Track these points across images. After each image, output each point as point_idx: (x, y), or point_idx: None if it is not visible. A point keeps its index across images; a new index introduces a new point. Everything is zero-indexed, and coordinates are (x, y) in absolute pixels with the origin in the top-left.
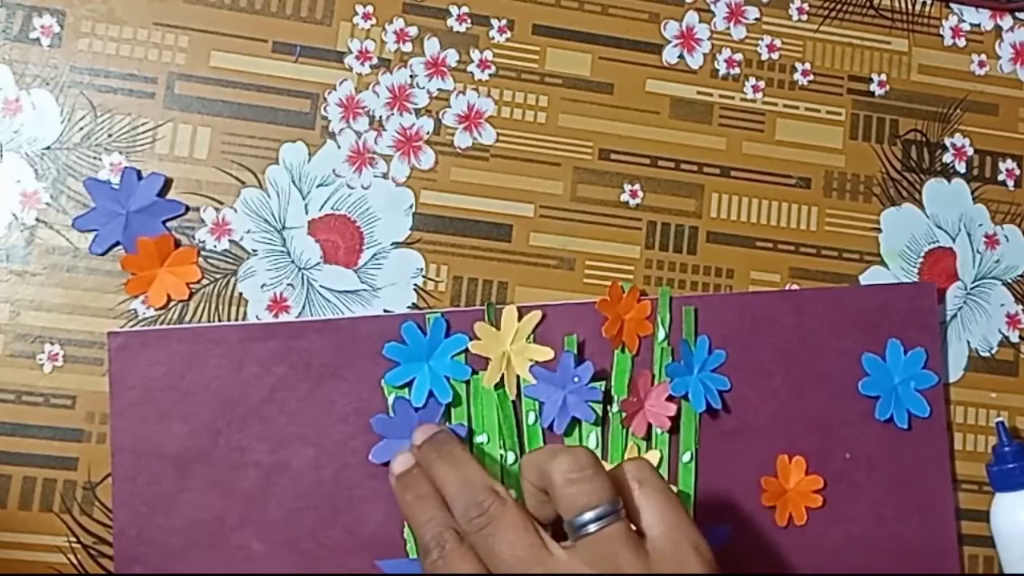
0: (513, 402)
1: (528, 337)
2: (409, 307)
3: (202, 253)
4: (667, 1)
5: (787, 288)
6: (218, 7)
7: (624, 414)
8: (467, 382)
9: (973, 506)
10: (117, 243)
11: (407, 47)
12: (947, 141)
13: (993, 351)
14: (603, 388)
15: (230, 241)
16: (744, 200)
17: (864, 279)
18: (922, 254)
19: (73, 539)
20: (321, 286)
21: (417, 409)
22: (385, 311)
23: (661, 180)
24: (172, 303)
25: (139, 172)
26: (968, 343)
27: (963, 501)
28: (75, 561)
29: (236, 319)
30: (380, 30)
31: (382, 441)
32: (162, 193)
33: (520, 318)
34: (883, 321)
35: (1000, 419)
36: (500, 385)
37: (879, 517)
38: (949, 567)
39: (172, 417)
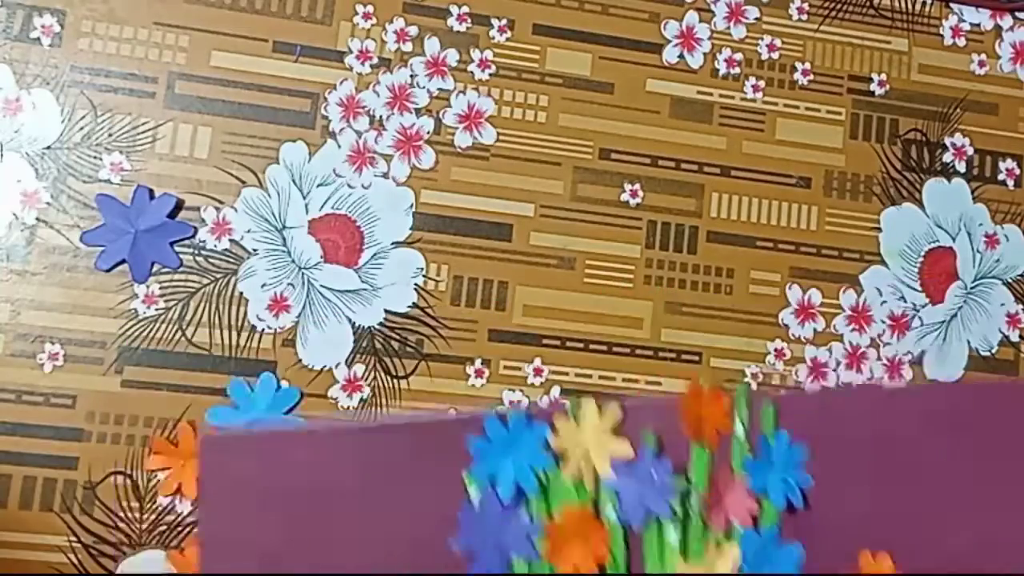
0: (594, 496)
1: (607, 431)
2: (409, 307)
3: (202, 252)
4: (667, 1)
5: (873, 381)
6: (218, 7)
7: (704, 509)
8: (546, 475)
9: None
10: (123, 260)
11: (407, 47)
12: (947, 141)
13: (993, 351)
14: (682, 483)
15: (230, 240)
16: (744, 200)
17: (864, 278)
18: (922, 254)
19: (73, 539)
20: (322, 286)
21: (503, 504)
22: (386, 311)
23: (661, 180)
24: (171, 301)
25: (151, 191)
26: (968, 343)
27: None
28: (75, 561)
29: (236, 318)
30: (380, 30)
31: (464, 532)
32: (172, 215)
33: (600, 412)
34: (978, 421)
35: None
36: (579, 479)
37: None
38: None
39: (261, 516)
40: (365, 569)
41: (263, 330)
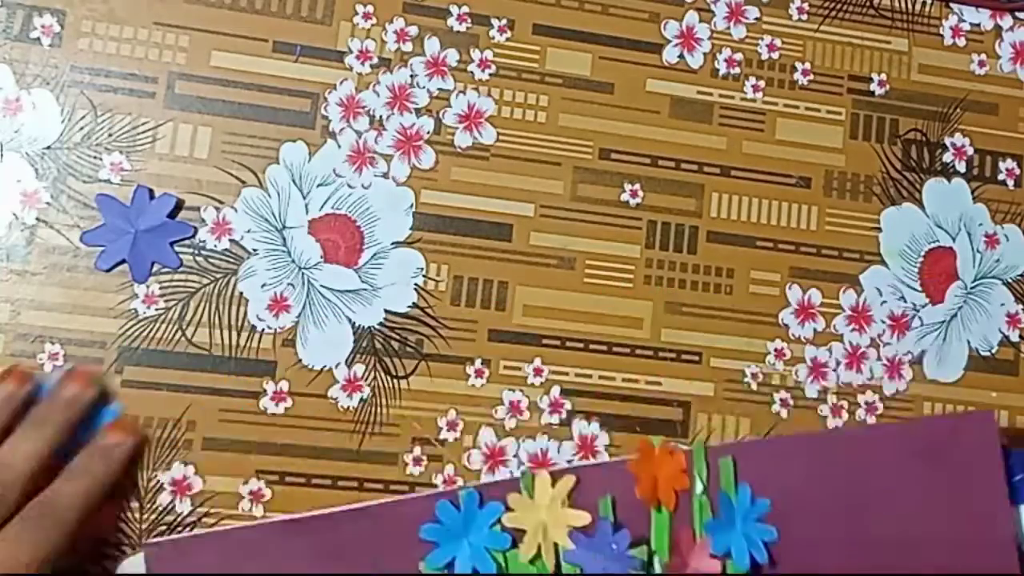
0: (555, 572)
1: (563, 503)
2: (409, 307)
3: (202, 252)
4: (667, 1)
5: (836, 429)
6: (218, 7)
7: None
8: (504, 556)
9: None
10: (123, 260)
11: (407, 47)
12: (947, 140)
13: (993, 350)
14: (644, 551)
15: (230, 240)
16: (744, 200)
17: (864, 278)
18: (922, 254)
19: None
20: (322, 286)
21: None
22: (386, 311)
23: (661, 180)
24: (171, 301)
25: (151, 191)
26: (968, 343)
27: None
28: (76, 560)
29: (236, 318)
30: (380, 30)
31: None
32: (172, 214)
33: (553, 484)
34: (939, 458)
35: None
36: (538, 556)
37: None
38: None
39: None
40: None
41: (263, 330)
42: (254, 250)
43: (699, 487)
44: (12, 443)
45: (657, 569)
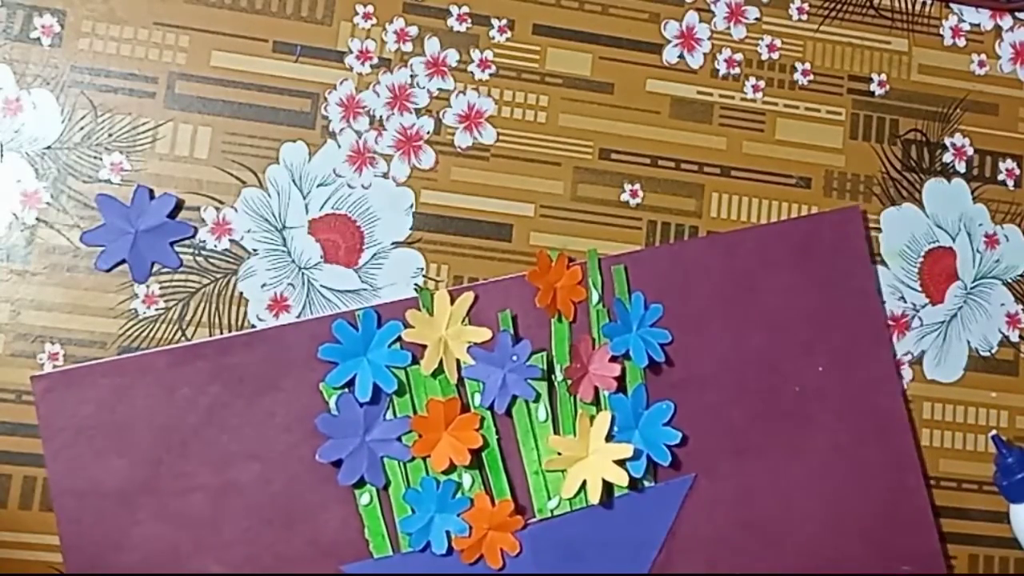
0: (457, 385)
1: (463, 319)
2: None
3: (203, 252)
4: (667, 1)
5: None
6: (219, 7)
7: (569, 381)
8: (406, 372)
9: (976, 506)
10: (123, 260)
11: (407, 47)
12: (947, 141)
13: (993, 351)
14: (543, 362)
15: (230, 240)
16: (744, 200)
17: None
18: (922, 254)
19: None
20: (322, 285)
21: (363, 404)
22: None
23: (661, 180)
24: (171, 301)
25: (151, 191)
26: (968, 343)
27: (966, 501)
28: None
29: (236, 318)
30: (380, 30)
31: (328, 441)
32: (172, 214)
33: (452, 301)
34: (812, 251)
35: (993, 432)
36: (440, 371)
37: (836, 444)
38: (912, 481)
39: (109, 453)
40: (227, 490)
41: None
42: (254, 250)
43: (595, 297)
44: None
45: (558, 376)
